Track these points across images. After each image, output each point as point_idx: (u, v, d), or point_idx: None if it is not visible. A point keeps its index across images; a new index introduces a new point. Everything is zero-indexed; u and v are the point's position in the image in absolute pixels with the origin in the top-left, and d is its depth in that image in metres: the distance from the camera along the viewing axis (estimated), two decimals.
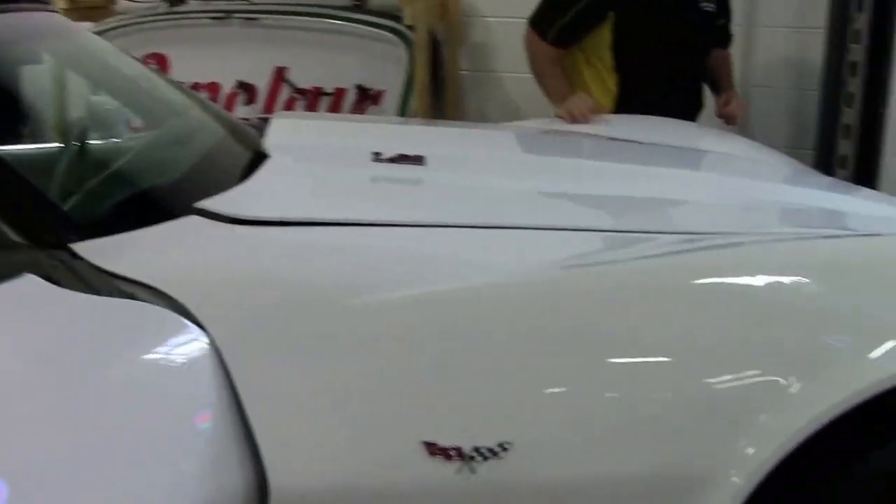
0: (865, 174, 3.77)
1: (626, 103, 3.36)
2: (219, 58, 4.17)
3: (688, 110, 3.36)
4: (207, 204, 1.63)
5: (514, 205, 1.89)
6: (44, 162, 1.86)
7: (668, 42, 3.36)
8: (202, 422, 1.36)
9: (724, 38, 3.62)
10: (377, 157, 2.01)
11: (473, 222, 1.73)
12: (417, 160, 2.02)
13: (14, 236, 1.49)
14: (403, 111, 4.16)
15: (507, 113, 4.37)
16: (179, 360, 1.39)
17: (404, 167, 1.99)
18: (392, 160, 2.01)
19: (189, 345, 1.39)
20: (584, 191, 2.03)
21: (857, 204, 2.28)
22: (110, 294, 1.43)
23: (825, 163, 3.80)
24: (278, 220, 1.61)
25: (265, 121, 2.32)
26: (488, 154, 2.29)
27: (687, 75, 3.48)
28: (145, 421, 1.32)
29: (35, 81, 2.36)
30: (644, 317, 1.52)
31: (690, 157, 2.60)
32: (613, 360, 1.49)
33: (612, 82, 3.42)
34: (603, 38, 3.38)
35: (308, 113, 4.00)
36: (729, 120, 3.49)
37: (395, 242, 1.65)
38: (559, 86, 3.36)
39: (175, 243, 1.58)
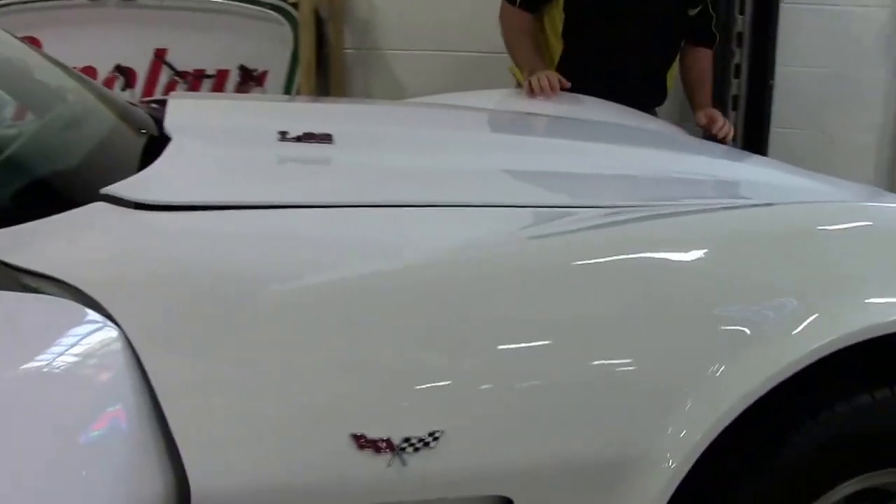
0: (754, 144, 3.84)
1: (565, 74, 3.26)
2: (94, 40, 4.02)
3: (639, 96, 3.23)
4: (114, 189, 1.51)
5: (428, 182, 1.82)
6: None
7: (621, 15, 3.28)
8: (117, 422, 1.27)
9: (703, 34, 3.49)
10: (283, 136, 1.92)
11: (388, 201, 1.65)
12: (325, 138, 1.93)
13: None
14: (288, 91, 4.09)
15: (394, 91, 4.32)
16: (91, 356, 1.29)
17: (312, 146, 1.91)
18: (299, 139, 1.92)
19: (101, 340, 1.29)
20: (497, 166, 1.98)
21: (770, 174, 2.28)
22: (13, 288, 1.33)
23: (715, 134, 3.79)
24: (190, 204, 1.52)
25: (161, 103, 2.21)
26: (397, 131, 2.21)
27: (640, 57, 3.37)
28: (55, 423, 1.21)
29: None
30: (566, 297, 1.48)
31: (594, 129, 2.57)
32: (540, 343, 1.45)
33: (556, 48, 3.36)
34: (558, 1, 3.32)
35: (205, 93, 3.88)
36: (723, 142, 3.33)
37: (310, 225, 1.57)
38: (528, 58, 3.29)
39: (81, 232, 1.47)
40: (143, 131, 1.94)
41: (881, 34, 4.20)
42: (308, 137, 1.93)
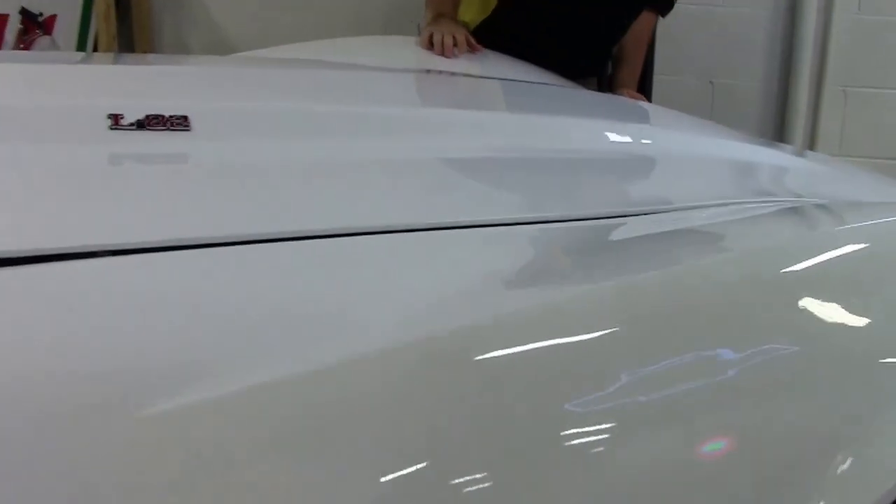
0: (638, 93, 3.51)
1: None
2: None
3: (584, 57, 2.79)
4: None
5: (347, 187, 1.23)
6: None
7: None
8: None
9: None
10: (116, 121, 1.24)
11: (290, 231, 1.06)
12: (179, 122, 1.27)
13: None
14: (84, 41, 3.53)
15: (212, 40, 3.73)
16: None
17: (160, 135, 1.24)
18: (140, 125, 1.25)
19: None
20: (437, 154, 1.38)
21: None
22: None
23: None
24: None
25: None
26: (283, 106, 1.49)
27: (587, 16, 2.88)
28: None
29: None
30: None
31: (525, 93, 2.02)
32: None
33: None
34: None
35: None
36: None
37: (176, 287, 0.95)
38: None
39: None
40: None
41: None
42: (154, 122, 1.26)
